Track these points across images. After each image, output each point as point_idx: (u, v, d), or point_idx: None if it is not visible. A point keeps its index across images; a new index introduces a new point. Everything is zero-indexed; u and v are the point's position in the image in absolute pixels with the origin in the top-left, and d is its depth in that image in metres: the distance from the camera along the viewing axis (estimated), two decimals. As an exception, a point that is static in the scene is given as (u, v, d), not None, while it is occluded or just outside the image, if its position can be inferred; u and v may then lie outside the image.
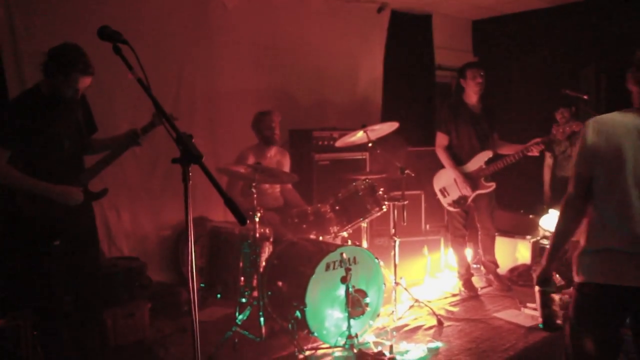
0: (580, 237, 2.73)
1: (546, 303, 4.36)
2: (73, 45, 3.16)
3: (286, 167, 5.12)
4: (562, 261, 4.84)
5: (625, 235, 2.39)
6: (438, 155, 5.29)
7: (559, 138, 4.89)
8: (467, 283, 5.43)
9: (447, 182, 5.28)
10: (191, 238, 1.90)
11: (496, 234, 5.55)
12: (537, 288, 4.38)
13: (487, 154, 5.12)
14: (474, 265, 5.89)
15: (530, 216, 6.22)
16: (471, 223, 5.51)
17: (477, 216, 5.40)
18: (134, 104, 4.68)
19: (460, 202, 5.21)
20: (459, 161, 5.20)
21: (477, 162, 5.13)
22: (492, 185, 5.16)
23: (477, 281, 5.60)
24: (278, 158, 5.05)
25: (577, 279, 2.54)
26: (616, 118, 2.50)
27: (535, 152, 4.90)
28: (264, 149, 4.93)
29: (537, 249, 5.80)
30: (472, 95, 5.22)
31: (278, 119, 4.92)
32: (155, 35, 5.05)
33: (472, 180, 5.13)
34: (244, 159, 4.74)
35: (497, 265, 5.57)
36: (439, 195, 5.40)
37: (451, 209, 5.33)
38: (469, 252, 5.67)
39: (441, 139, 5.25)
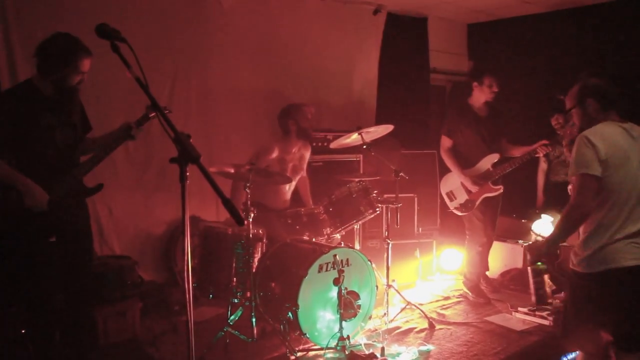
0: (574, 241, 3.00)
1: (539, 285, 4.41)
2: (64, 34, 3.18)
3: (306, 161, 5.03)
4: (554, 267, 4.88)
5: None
6: (444, 159, 5.25)
7: (566, 138, 4.89)
8: (476, 288, 5.35)
9: (454, 186, 5.23)
10: (187, 238, 1.88)
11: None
12: (529, 268, 4.36)
13: (494, 157, 5.07)
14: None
15: (523, 221, 6.22)
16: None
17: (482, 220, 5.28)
18: (129, 103, 4.63)
19: (467, 205, 5.13)
20: (466, 164, 5.14)
21: (484, 164, 5.08)
22: (500, 189, 5.09)
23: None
24: (302, 152, 4.93)
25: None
26: (606, 128, 2.88)
27: (540, 153, 4.95)
28: (292, 142, 4.78)
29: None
30: (481, 100, 5.14)
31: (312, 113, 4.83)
32: (150, 34, 5.01)
33: (479, 183, 5.07)
34: (269, 151, 4.62)
35: (486, 268, 5.58)
36: (446, 200, 5.33)
37: (458, 212, 5.24)
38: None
39: (445, 142, 5.21)
